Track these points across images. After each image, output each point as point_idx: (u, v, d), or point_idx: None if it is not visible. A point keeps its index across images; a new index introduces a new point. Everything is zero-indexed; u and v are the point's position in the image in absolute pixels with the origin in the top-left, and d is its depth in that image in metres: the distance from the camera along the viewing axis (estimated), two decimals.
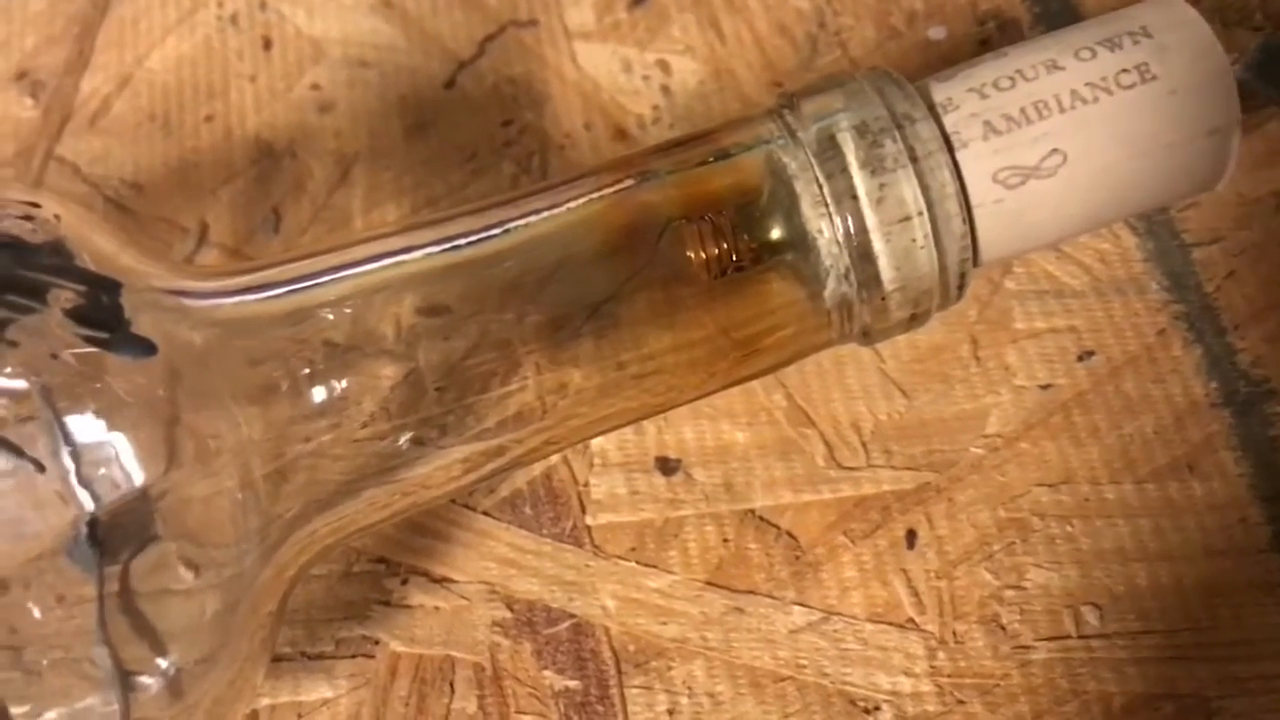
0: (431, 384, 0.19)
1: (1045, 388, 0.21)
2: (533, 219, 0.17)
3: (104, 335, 0.15)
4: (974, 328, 0.22)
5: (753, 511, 0.21)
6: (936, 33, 0.24)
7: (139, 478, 0.16)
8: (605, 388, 0.19)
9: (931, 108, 0.16)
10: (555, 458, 0.21)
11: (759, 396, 0.21)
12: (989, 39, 0.24)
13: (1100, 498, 0.20)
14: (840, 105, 0.16)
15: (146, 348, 0.15)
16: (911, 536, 0.20)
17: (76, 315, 0.15)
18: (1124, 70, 0.16)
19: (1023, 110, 0.16)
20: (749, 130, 0.17)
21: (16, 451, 0.14)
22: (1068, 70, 0.16)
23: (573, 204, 0.17)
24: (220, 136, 0.25)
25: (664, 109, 0.24)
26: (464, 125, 0.25)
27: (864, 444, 0.21)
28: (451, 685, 0.20)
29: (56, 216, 0.16)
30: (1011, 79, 0.16)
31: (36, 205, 0.16)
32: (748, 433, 0.21)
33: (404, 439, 0.19)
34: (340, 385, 0.19)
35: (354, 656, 0.20)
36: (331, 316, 0.18)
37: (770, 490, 0.21)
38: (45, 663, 0.17)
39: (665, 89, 0.25)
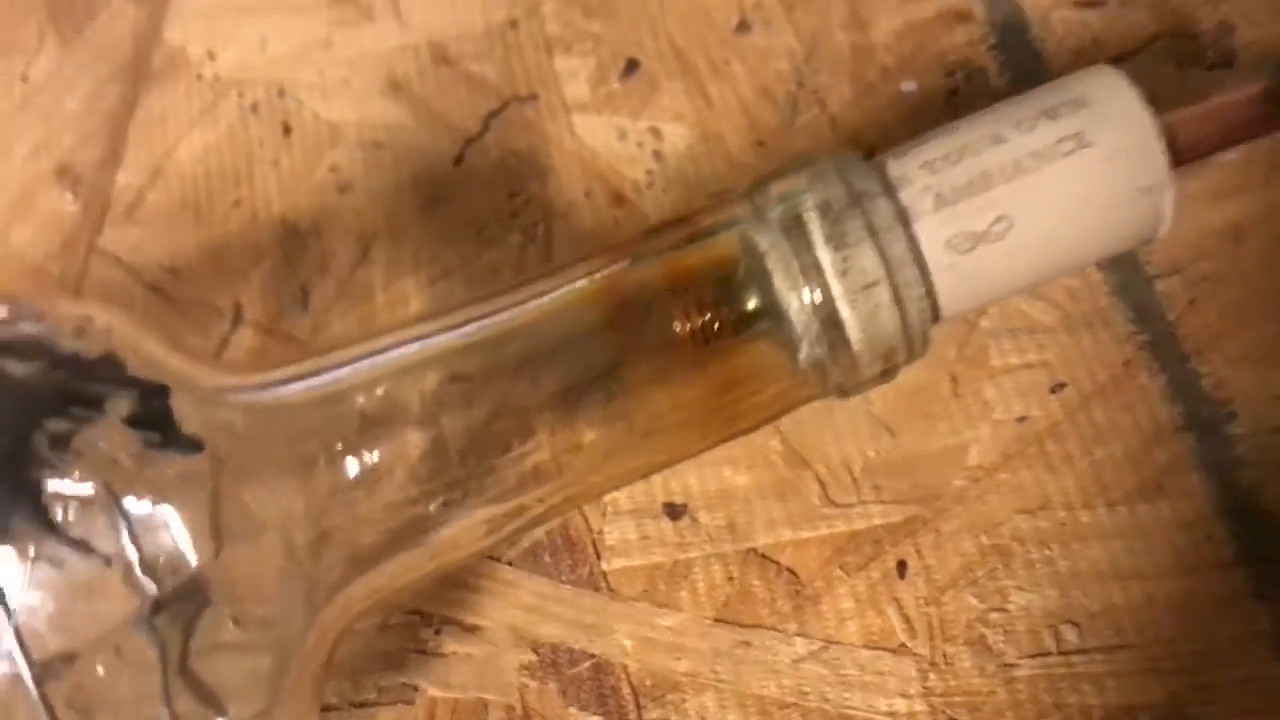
0: (455, 450, 0.21)
1: (1021, 420, 0.22)
2: (536, 303, 0.19)
3: (157, 437, 0.17)
4: (953, 366, 0.23)
5: (755, 550, 0.22)
6: (908, 86, 0.26)
7: (195, 558, 0.18)
8: (612, 449, 0.20)
9: (887, 184, 0.18)
10: None
11: (757, 441, 0.23)
12: (957, 89, 0.26)
13: (1076, 521, 0.22)
14: (805, 186, 0.18)
15: (195, 446, 0.17)
16: (902, 567, 0.22)
17: (132, 421, 0.17)
18: (1062, 139, 0.18)
19: (970, 182, 0.18)
20: (725, 212, 0.19)
21: (86, 549, 0.16)
22: (1010, 142, 0.18)
23: (570, 287, 0.19)
24: (248, 220, 0.27)
25: (657, 173, 0.26)
26: (473, 199, 0.27)
27: (855, 481, 0.23)
28: None
29: (108, 329, 0.18)
30: (959, 153, 0.18)
31: (89, 319, 0.18)
32: (748, 476, 0.23)
33: (432, 503, 0.21)
34: (372, 458, 0.21)
35: (395, 703, 0.22)
36: (362, 399, 0.20)
37: (771, 529, 0.22)
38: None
39: (658, 154, 0.26)
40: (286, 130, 0.28)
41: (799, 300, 0.18)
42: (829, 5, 0.27)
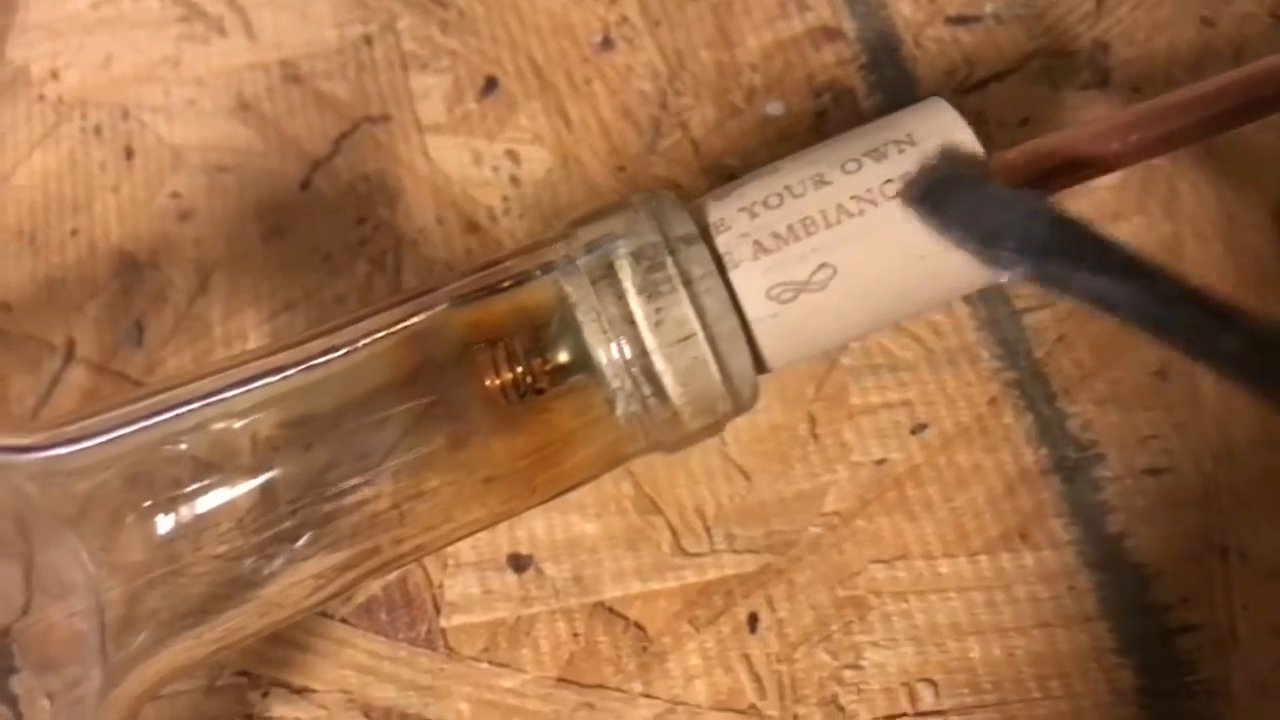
0: (287, 499, 0.19)
1: (880, 463, 0.21)
2: (337, 355, 0.18)
3: None
4: (812, 406, 0.22)
5: (602, 603, 0.21)
6: (774, 108, 0.25)
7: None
8: (453, 499, 0.19)
9: (705, 229, 0.17)
10: None
11: (607, 486, 0.22)
12: (825, 111, 0.25)
13: (934, 572, 0.20)
14: (619, 232, 0.17)
15: None
16: (753, 620, 0.21)
17: None
18: (888, 181, 0.17)
19: (790, 228, 0.17)
20: (536, 257, 0.17)
21: None
22: (834, 185, 0.17)
23: (367, 340, 0.17)
24: (85, 251, 0.26)
25: (513, 199, 0.25)
26: (320, 226, 0.25)
27: (708, 529, 0.21)
28: None
29: None
30: (780, 196, 0.17)
31: None
32: (597, 524, 0.22)
33: (260, 555, 0.20)
34: (190, 510, 0.19)
35: None
36: (184, 445, 0.18)
37: (619, 581, 0.21)
38: None
39: (514, 179, 0.25)
40: (129, 154, 0.27)
41: (611, 354, 0.16)
42: (695, 21, 0.26)
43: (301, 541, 0.20)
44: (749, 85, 0.25)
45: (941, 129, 0.17)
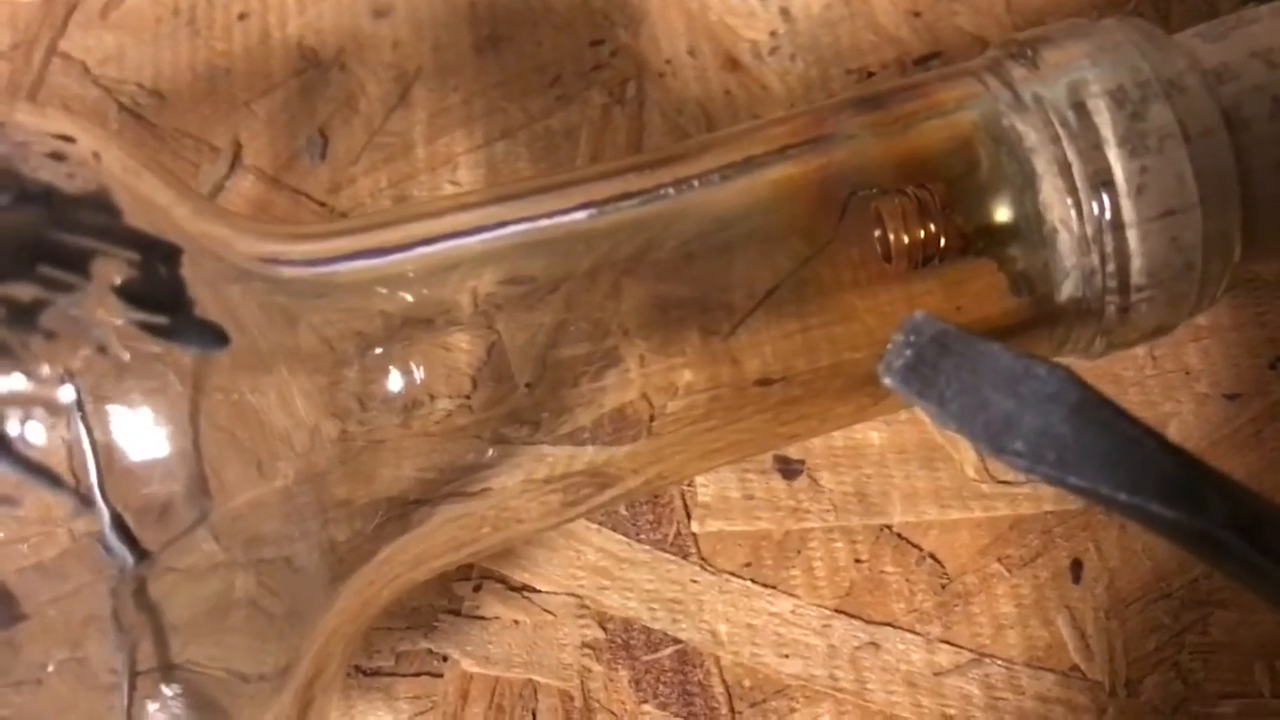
0: (520, 373, 0.16)
1: (1232, 398, 0.18)
2: (690, 187, 0.14)
3: (163, 320, 0.11)
4: None
5: (890, 528, 0.18)
6: None
7: (175, 477, 0.13)
8: (720, 403, 0.15)
9: (1204, 73, 0.13)
10: None
11: None
12: None
13: None
14: (1088, 62, 0.13)
15: (216, 337, 0.12)
16: (1077, 567, 0.17)
17: (129, 294, 0.11)
18: None
19: None
20: (967, 85, 0.14)
21: (51, 478, 0.11)
22: None
23: (738, 169, 0.14)
24: (256, 39, 0.22)
25: (784, 36, 0.21)
26: (545, 42, 0.21)
27: None
28: (534, 715, 0.17)
29: (96, 155, 0.12)
30: None
31: (70, 139, 0.12)
32: (884, 433, 0.18)
33: (485, 437, 0.16)
34: (419, 372, 0.15)
35: (418, 675, 0.17)
36: (427, 292, 0.14)
37: (911, 504, 0.18)
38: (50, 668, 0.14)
39: (785, 12, 0.21)
40: None
41: (1075, 221, 0.13)
42: None
43: (542, 419, 0.16)
44: None
45: None
